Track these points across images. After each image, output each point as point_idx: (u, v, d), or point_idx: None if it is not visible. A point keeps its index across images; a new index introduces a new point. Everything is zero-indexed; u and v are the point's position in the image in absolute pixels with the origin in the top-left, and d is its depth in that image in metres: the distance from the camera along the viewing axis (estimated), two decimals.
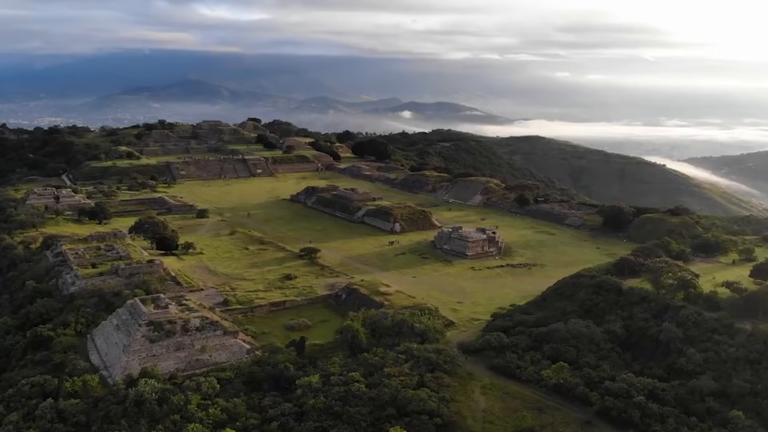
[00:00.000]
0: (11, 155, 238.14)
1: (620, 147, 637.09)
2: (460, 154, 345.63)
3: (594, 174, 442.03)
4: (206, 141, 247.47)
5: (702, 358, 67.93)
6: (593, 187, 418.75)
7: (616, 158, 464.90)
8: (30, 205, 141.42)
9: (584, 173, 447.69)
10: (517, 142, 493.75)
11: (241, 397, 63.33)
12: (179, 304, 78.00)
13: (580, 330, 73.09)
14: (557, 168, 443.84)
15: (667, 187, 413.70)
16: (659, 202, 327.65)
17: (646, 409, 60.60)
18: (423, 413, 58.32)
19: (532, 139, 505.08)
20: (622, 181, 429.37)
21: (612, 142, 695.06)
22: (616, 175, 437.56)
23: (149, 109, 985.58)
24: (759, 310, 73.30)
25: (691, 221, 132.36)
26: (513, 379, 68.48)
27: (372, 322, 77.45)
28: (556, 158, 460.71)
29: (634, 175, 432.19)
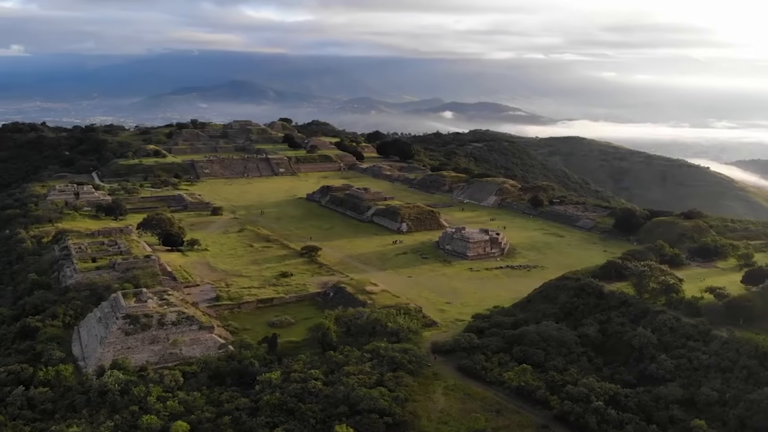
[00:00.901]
0: (48, 152, 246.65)
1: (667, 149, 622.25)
2: (492, 155, 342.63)
3: (635, 176, 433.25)
4: (235, 140, 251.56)
5: (673, 364, 66.34)
6: (634, 190, 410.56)
7: (659, 160, 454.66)
8: (50, 200, 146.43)
9: (625, 175, 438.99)
10: (557, 142, 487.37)
11: (203, 390, 64.57)
12: (160, 299, 79.77)
13: (551, 333, 72.06)
14: (597, 170, 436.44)
15: (711, 190, 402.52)
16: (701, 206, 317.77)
17: (605, 415, 59.50)
18: (373, 412, 58.44)
19: (572, 140, 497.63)
20: (664, 183, 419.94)
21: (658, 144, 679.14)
22: (658, 177, 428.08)
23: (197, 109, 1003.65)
24: (740, 317, 71.09)
25: (705, 225, 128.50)
26: (478, 381, 68.03)
27: (347, 321, 77.91)
28: (596, 159, 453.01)
29: (677, 178, 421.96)
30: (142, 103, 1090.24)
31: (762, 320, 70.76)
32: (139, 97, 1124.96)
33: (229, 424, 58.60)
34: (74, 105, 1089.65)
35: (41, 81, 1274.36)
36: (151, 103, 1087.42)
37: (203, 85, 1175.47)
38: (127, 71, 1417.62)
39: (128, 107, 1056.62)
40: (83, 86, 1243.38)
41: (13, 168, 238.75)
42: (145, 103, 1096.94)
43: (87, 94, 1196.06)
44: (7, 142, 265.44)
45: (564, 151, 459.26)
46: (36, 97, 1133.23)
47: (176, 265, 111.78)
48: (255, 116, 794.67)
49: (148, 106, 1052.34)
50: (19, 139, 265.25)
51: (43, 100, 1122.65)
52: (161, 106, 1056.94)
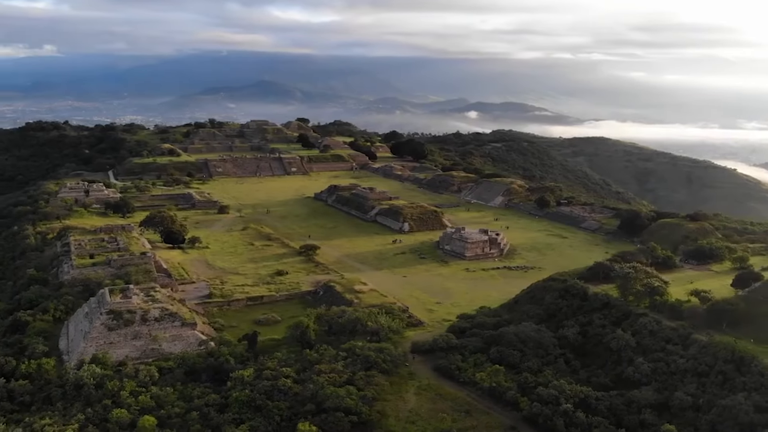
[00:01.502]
0: (68, 151, 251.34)
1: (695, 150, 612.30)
2: (511, 155, 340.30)
3: (660, 177, 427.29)
4: (251, 140, 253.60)
5: (650, 368, 65.33)
6: (659, 191, 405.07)
7: (684, 161, 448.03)
8: (61, 198, 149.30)
9: (650, 176, 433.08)
10: (581, 143, 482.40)
11: (177, 386, 65.32)
12: (147, 296, 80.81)
13: (529, 334, 71.46)
14: (621, 170, 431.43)
15: (737, 192, 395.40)
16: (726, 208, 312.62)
17: (573, 417, 58.89)
18: (339, 410, 58.55)
19: (597, 140, 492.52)
20: (689, 185, 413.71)
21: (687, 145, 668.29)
22: (683, 178, 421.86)
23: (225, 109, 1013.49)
24: (724, 321, 69.70)
25: (710, 227, 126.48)
26: (452, 381, 67.80)
27: (330, 320, 78.17)
28: (621, 160, 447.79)
29: (702, 180, 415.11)
30: (172, 103, 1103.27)
31: (746, 324, 69.30)
32: (168, 97, 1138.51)
33: (197, 419, 59.23)
34: (105, 104, 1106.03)
35: (73, 81, 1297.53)
36: (180, 103, 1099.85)
37: (231, 85, 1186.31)
38: (157, 71, 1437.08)
39: (158, 107, 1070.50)
40: (114, 86, 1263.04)
41: (34, 166, 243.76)
42: (174, 102, 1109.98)
43: (118, 93, 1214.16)
44: (30, 140, 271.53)
45: (588, 152, 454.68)
46: (68, 96, 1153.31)
47: (175, 263, 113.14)
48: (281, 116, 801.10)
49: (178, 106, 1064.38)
50: (42, 137, 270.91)
51: (75, 99, 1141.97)
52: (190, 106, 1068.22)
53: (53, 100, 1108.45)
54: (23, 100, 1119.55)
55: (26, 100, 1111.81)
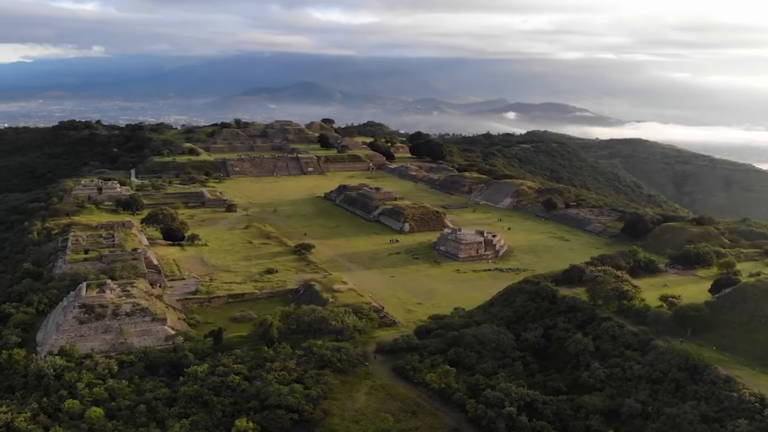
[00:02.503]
0: (97, 149, 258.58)
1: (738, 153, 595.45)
2: (538, 156, 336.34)
3: (698, 180, 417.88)
4: (272, 140, 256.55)
5: (605, 374, 64.17)
6: (697, 195, 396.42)
7: (724, 164, 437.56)
8: (74, 195, 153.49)
9: (688, 179, 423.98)
10: (618, 144, 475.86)
11: (135, 379, 66.69)
12: (123, 291, 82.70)
13: (487, 336, 70.77)
14: (658, 173, 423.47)
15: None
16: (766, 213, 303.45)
17: (516, 421, 58.19)
18: (280, 408, 59.00)
19: (634, 141, 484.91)
20: (728, 188, 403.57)
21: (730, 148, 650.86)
22: (722, 182, 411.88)
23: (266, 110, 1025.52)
24: (688, 328, 67.91)
25: (715, 232, 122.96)
26: (407, 381, 67.65)
27: (296, 318, 78.65)
28: (658, 163, 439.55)
29: (742, 183, 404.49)
30: (215, 104, 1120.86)
31: (711, 331, 67.49)
32: (212, 98, 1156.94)
33: (144, 412, 60.45)
34: (151, 104, 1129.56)
35: (120, 81, 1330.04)
36: (223, 104, 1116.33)
37: (273, 86, 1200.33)
38: (202, 72, 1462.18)
39: (201, 107, 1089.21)
40: (160, 86, 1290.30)
41: (65, 163, 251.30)
42: (217, 103, 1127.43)
43: (163, 94, 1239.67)
44: (63, 138, 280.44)
45: (624, 154, 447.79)
46: (115, 96, 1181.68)
47: (170, 259, 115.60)
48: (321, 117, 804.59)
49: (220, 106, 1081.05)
50: (74, 136, 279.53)
51: (122, 99, 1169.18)
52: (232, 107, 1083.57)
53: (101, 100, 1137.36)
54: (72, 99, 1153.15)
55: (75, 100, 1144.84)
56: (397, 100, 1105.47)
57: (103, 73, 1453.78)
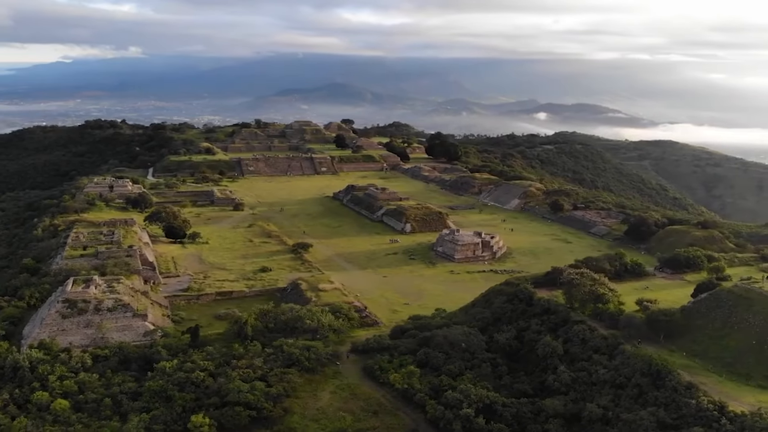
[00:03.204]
0: (120, 148, 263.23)
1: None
2: (561, 158, 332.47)
3: (729, 183, 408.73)
4: (290, 140, 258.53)
5: (571, 377, 63.33)
6: (727, 198, 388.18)
7: (756, 167, 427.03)
8: (86, 192, 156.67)
9: (719, 182, 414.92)
10: (647, 146, 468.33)
11: (107, 374, 67.96)
12: (108, 287, 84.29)
13: (456, 337, 70.43)
14: (689, 176, 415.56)
15: None
16: None
17: (473, 423, 57.86)
18: (239, 405, 59.58)
19: (664, 143, 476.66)
20: (760, 191, 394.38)
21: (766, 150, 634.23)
22: (754, 185, 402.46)
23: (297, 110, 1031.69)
24: (660, 332, 66.61)
25: (719, 235, 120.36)
26: (374, 381, 67.70)
27: (274, 317, 79.26)
28: (688, 165, 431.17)
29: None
30: (248, 104, 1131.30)
31: (683, 336, 66.12)
32: (245, 98, 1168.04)
33: (109, 405, 61.69)
34: (186, 104, 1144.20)
35: (156, 81, 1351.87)
36: (256, 104, 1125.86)
37: (305, 87, 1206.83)
38: (236, 73, 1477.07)
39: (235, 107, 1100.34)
40: (195, 87, 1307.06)
41: (88, 162, 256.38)
42: (251, 103, 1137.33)
43: (198, 94, 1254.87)
44: (88, 137, 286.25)
45: (654, 156, 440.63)
46: (151, 96, 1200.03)
47: (169, 257, 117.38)
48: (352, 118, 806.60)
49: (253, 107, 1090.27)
50: (98, 135, 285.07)
51: (158, 99, 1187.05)
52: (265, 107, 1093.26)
53: (137, 100, 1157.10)
54: (109, 99, 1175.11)
55: (112, 100, 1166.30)
56: (428, 100, 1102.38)
57: (139, 73, 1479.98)
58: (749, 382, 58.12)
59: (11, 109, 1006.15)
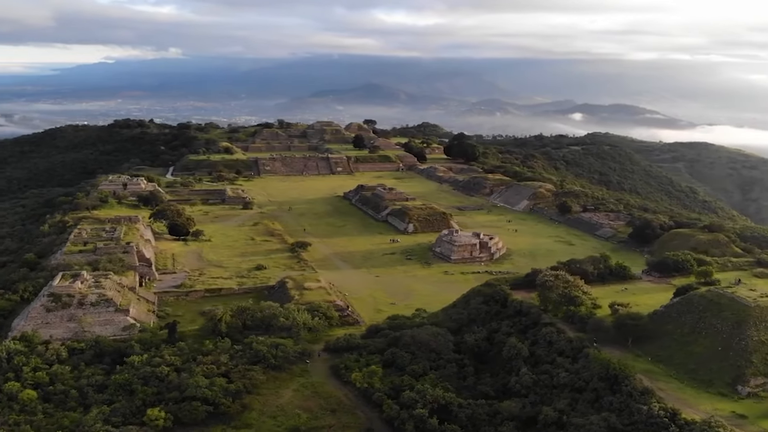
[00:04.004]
0: (146, 147, 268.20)
1: None
2: (588, 159, 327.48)
3: (766, 187, 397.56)
4: (310, 140, 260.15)
5: (532, 380, 62.62)
6: (764, 201, 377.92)
7: None
8: (100, 190, 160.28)
9: (755, 185, 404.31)
10: (681, 148, 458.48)
11: (81, 366, 69.55)
12: (95, 281, 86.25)
13: (423, 338, 70.18)
14: (724, 178, 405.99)
15: None
16: None
17: (426, 423, 57.66)
18: (196, 399, 60.40)
19: (699, 145, 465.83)
20: None
21: None
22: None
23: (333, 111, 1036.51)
24: (629, 337, 65.34)
25: (725, 239, 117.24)
26: (338, 380, 68.02)
27: (250, 314, 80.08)
28: (724, 168, 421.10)
29: None
30: (285, 105, 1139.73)
31: (653, 341, 64.76)
32: (282, 99, 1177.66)
33: (75, 397, 63.28)
34: (224, 105, 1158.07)
35: (195, 82, 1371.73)
36: (293, 105, 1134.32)
37: (340, 87, 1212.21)
38: (273, 74, 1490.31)
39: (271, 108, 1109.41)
40: (233, 87, 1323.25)
41: (114, 160, 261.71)
42: (287, 104, 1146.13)
43: (236, 94, 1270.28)
44: (116, 136, 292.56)
45: (688, 158, 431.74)
46: (190, 97, 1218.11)
47: (170, 253, 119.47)
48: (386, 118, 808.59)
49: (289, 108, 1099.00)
50: (126, 134, 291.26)
51: (197, 99, 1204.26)
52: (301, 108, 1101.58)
53: (177, 100, 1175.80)
54: (149, 99, 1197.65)
55: (152, 100, 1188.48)
56: (462, 101, 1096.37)
57: (179, 73, 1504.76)
58: (710, 389, 56.64)
59: (54, 108, 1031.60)
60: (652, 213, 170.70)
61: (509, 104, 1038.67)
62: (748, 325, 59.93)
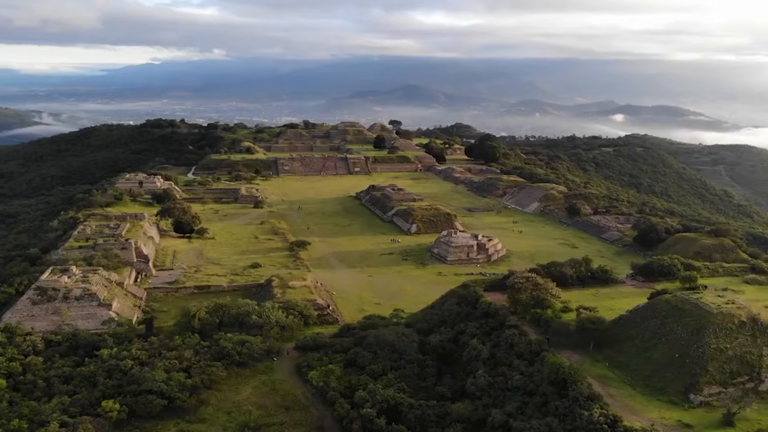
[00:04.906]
0: (175, 146, 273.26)
1: None
2: (618, 161, 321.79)
3: None
4: (332, 140, 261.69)
5: (487, 382, 61.94)
6: None
7: None
8: (116, 187, 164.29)
9: None
10: (722, 150, 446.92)
11: (55, 358, 71.58)
12: (83, 276, 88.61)
13: (386, 337, 70.09)
14: (765, 182, 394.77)
15: None
16: None
17: (374, 423, 57.64)
18: (152, 393, 61.51)
19: (741, 148, 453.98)
20: None
21: None
22: None
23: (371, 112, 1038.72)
24: (590, 341, 64.13)
25: (731, 244, 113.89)
26: (299, 378, 68.36)
27: (226, 311, 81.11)
28: (766, 171, 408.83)
29: None
30: (324, 106, 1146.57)
31: (614, 346, 63.45)
32: (322, 100, 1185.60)
33: (42, 387, 65.12)
34: (265, 106, 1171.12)
35: (239, 83, 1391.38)
36: (332, 106, 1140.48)
37: (379, 89, 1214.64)
38: (315, 75, 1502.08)
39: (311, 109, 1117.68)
40: (275, 88, 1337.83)
41: (143, 159, 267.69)
42: (326, 105, 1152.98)
43: (277, 96, 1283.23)
44: (147, 135, 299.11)
45: (729, 161, 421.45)
46: (233, 97, 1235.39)
47: (171, 250, 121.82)
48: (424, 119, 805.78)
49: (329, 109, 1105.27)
50: (157, 133, 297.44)
51: (239, 100, 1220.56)
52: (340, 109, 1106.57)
53: (220, 101, 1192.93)
54: (194, 99, 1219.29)
55: (196, 100, 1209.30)
56: (501, 102, 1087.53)
57: (223, 75, 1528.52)
58: (661, 397, 55.18)
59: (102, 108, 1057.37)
60: (679, 216, 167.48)
61: (549, 105, 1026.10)
62: (708, 333, 58.17)
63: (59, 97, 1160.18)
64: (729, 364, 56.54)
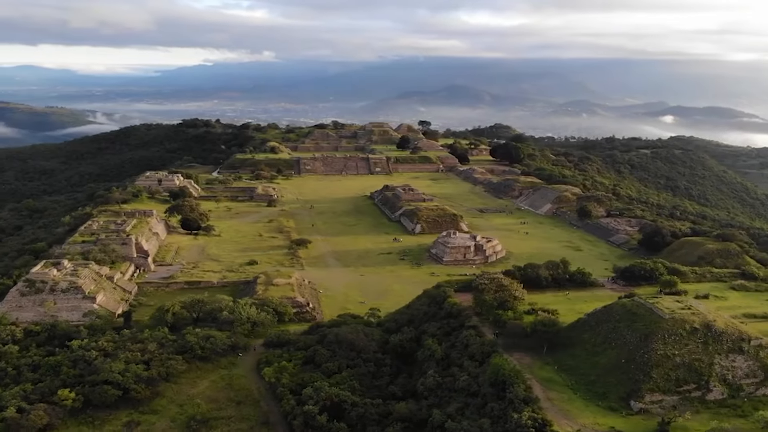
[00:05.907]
0: (207, 146, 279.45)
1: None
2: (655, 163, 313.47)
3: None
4: (358, 141, 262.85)
5: (435, 383, 61.63)
6: None
7: None
8: (135, 185, 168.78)
9: None
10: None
11: (32, 347, 74.13)
12: (73, 270, 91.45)
13: (346, 336, 70.33)
14: None
15: None
16: None
17: (315, 420, 58.04)
18: (108, 383, 63.19)
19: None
20: None
21: None
22: None
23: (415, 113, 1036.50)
24: (544, 343, 63.08)
25: (737, 249, 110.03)
26: (258, 374, 69.15)
27: (201, 307, 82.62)
28: None
29: None
30: (370, 107, 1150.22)
31: (566, 350, 62.19)
32: (367, 101, 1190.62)
33: (12, 374, 67.63)
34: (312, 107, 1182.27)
35: (287, 84, 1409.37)
36: (377, 107, 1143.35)
37: (425, 89, 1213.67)
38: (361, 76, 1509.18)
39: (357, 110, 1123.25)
40: (322, 90, 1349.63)
41: (177, 158, 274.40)
42: (372, 106, 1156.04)
43: (324, 97, 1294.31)
44: (181, 135, 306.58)
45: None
46: (281, 99, 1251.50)
47: (175, 246, 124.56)
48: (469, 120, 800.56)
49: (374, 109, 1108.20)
50: (191, 133, 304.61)
51: (287, 101, 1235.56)
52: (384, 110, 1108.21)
53: (268, 102, 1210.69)
54: (243, 100, 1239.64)
55: (246, 101, 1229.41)
56: (548, 102, 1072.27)
57: (272, 76, 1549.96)
58: (601, 403, 53.84)
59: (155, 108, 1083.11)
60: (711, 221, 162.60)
61: (598, 106, 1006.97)
62: (656, 338, 56.46)
63: (115, 98, 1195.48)
64: (675, 371, 54.77)
